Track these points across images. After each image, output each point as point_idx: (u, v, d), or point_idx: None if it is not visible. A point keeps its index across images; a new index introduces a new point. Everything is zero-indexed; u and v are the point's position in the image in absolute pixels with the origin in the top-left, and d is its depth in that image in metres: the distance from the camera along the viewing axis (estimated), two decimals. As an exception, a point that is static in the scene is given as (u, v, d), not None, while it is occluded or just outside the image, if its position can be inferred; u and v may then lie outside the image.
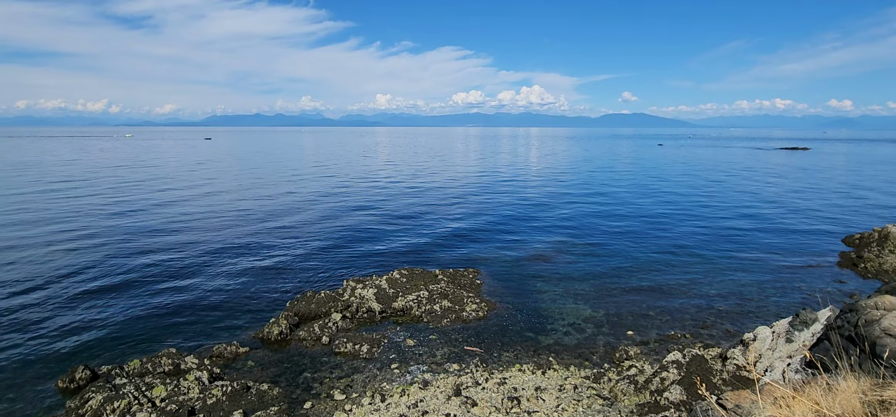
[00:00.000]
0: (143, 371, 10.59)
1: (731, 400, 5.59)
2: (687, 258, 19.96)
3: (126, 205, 31.71)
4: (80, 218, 27.23)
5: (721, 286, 16.54)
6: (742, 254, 20.41)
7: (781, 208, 31.75)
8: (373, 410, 9.19)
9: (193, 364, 10.78)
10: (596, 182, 47.35)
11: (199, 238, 23.05)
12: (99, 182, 44.22)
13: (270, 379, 10.54)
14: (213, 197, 36.34)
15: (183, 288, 16.20)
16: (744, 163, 69.32)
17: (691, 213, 30.01)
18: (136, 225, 25.54)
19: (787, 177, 50.72)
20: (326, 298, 14.44)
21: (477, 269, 18.18)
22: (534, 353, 11.82)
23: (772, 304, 14.92)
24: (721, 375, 9.67)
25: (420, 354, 11.77)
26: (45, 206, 31.01)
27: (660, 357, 11.21)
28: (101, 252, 20.32)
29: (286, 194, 38.21)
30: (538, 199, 36.05)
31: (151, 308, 14.58)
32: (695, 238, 23.49)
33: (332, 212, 30.20)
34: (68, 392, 9.84)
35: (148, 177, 48.29)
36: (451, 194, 38.80)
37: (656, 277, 17.49)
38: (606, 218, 28.75)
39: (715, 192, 39.48)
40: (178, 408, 9.06)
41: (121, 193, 37.27)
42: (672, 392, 9.06)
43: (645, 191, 40.24)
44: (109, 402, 9.00)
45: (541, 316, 14.02)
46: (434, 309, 14.07)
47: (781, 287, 16.50)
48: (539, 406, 9.19)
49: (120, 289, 16.00)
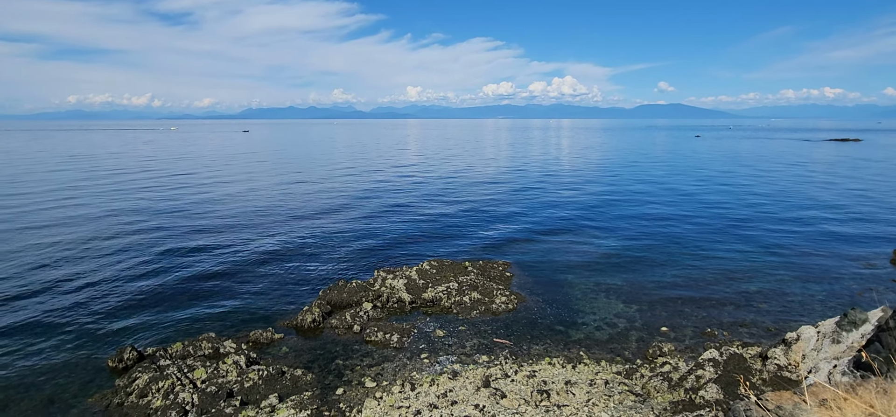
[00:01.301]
0: (184, 354, 11.07)
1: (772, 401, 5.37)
2: (725, 253, 19.25)
3: (172, 195, 33.11)
4: (133, 208, 28.61)
5: (762, 283, 15.88)
6: (785, 251, 19.53)
7: (829, 202, 30.14)
8: (403, 398, 9.32)
9: (231, 349, 11.18)
10: (629, 175, 46.18)
11: (237, 227, 23.84)
12: (154, 172, 46.33)
13: (304, 365, 10.84)
14: (250, 188, 37.50)
15: (222, 275, 16.82)
16: (787, 155, 66.11)
17: (729, 208, 28.87)
18: (181, 214, 26.63)
19: (836, 170, 48.05)
20: (357, 288, 14.69)
21: (507, 261, 18.09)
22: (564, 347, 11.70)
23: (817, 304, 14.23)
24: (760, 375, 9.31)
25: (449, 345, 11.83)
26: (100, 195, 32.73)
27: (695, 355, 10.88)
28: (149, 239, 21.32)
29: (319, 185, 39.00)
30: (570, 192, 35.48)
31: (192, 293, 15.22)
32: (733, 232, 22.61)
33: (363, 203, 30.63)
34: (117, 372, 10.41)
35: (192, 169, 50.24)
36: (481, 186, 38.67)
37: (692, 273, 16.96)
38: (640, 211, 28.01)
39: (755, 186, 37.84)
40: (218, 390, 9.44)
41: (166, 184, 38.93)
42: (708, 391, 8.79)
43: (680, 185, 38.98)
44: (155, 382, 9.46)
45: (571, 310, 13.84)
46: (463, 301, 14.10)
47: (828, 285, 15.70)
48: (569, 400, 9.10)
49: (164, 275, 16.75)
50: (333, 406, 9.17)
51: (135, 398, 9.20)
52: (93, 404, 9.34)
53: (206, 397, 9.25)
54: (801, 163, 55.52)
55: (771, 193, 34.10)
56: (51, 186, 37.03)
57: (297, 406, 9.08)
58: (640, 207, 29.25)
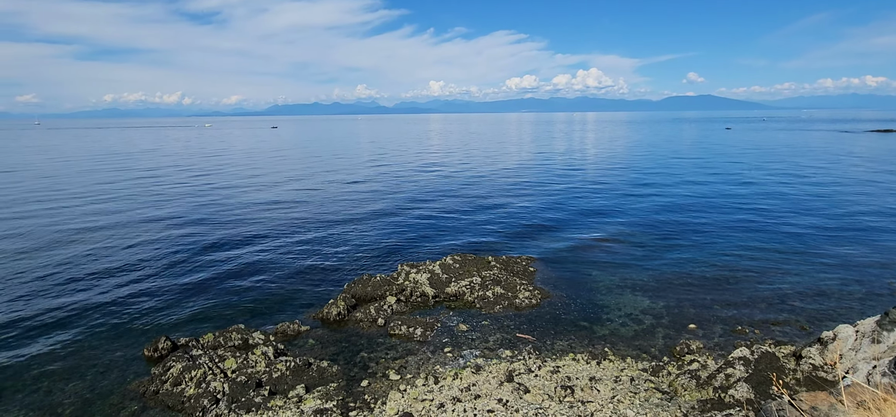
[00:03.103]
0: (215, 344, 11.44)
1: (806, 401, 5.21)
2: (757, 250, 18.66)
3: (204, 191, 34.14)
4: (167, 202, 29.64)
5: (796, 280, 15.34)
6: (821, 248, 18.79)
7: (869, 197, 28.82)
8: (427, 391, 9.40)
9: (260, 340, 11.49)
10: (655, 168, 45.16)
11: (265, 221, 24.41)
12: (189, 168, 47.88)
13: (330, 357, 11.06)
14: (278, 183, 38.31)
15: (250, 268, 17.27)
16: (825, 148, 63.41)
17: (761, 202, 27.92)
18: (212, 209, 27.44)
19: (877, 163, 45.86)
20: (382, 281, 14.86)
21: (530, 256, 17.98)
22: (588, 343, 11.58)
23: (856, 302, 13.66)
24: (794, 375, 9.02)
25: (473, 339, 11.87)
26: (136, 190, 34.03)
27: (725, 353, 10.61)
28: (182, 233, 22.05)
29: (343, 180, 39.52)
30: (594, 186, 34.95)
31: (222, 286, 15.69)
32: (767, 228, 21.87)
33: (386, 198, 30.90)
34: (152, 360, 10.85)
35: (223, 165, 51.64)
36: (505, 180, 38.48)
37: (722, 270, 16.51)
38: (667, 206, 27.38)
39: (789, 180, 36.47)
40: (247, 380, 9.73)
41: (199, 180, 40.15)
42: (738, 390, 8.58)
43: (709, 179, 37.89)
44: (188, 371, 9.81)
45: (596, 306, 13.68)
46: (487, 296, 14.10)
47: (868, 283, 15.04)
48: (593, 396, 9.01)
49: (195, 268, 17.32)
50: (358, 398, 9.33)
51: (169, 386, 9.57)
52: (131, 390, 9.76)
53: (236, 386, 9.54)
54: (839, 156, 53.19)
55: (807, 188, 32.82)
56: (90, 181, 38.65)
57: (323, 397, 9.28)
58: (667, 201, 28.58)
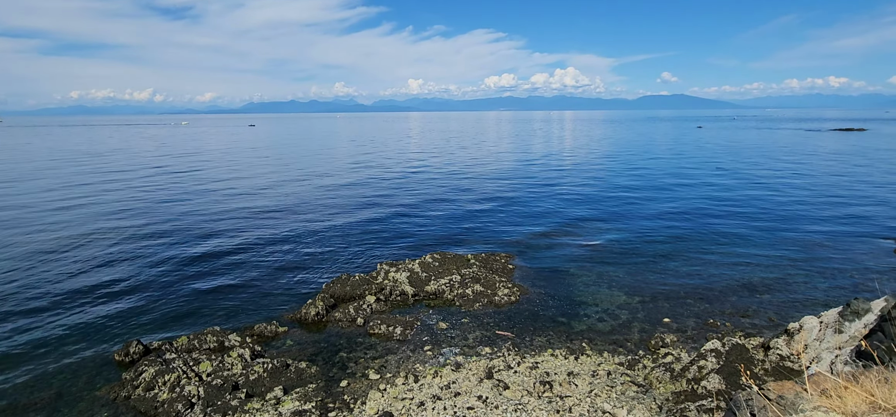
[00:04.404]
0: (190, 347, 11.17)
1: (774, 391, 5.39)
2: (728, 245, 19.23)
3: (178, 191, 33.23)
4: (139, 203, 28.74)
5: (765, 274, 15.88)
6: (788, 242, 19.49)
7: (832, 193, 30.02)
8: (406, 390, 9.39)
9: (236, 342, 11.28)
10: (631, 166, 46.05)
11: (241, 222, 23.94)
12: (163, 168, 46.48)
13: (308, 358, 10.92)
14: (255, 183, 37.57)
15: (226, 269, 16.92)
16: (791, 145, 65.74)
17: (731, 198, 28.79)
18: (186, 210, 26.74)
19: (841, 161, 47.78)
20: (361, 281, 14.76)
21: (509, 254, 18.12)
22: (566, 338, 11.75)
23: (820, 294, 14.24)
24: (763, 365, 9.35)
25: (452, 337, 11.90)
26: (108, 190, 32.89)
27: (697, 346, 10.92)
28: (155, 234, 21.43)
29: (322, 179, 39.05)
30: (572, 184, 35.43)
31: (197, 288, 15.32)
32: (737, 225, 22.56)
33: (366, 197, 30.68)
34: (124, 365, 10.52)
35: (199, 164, 50.36)
36: (483, 179, 38.65)
37: (695, 265, 16.96)
38: (642, 203, 27.97)
39: (757, 178, 37.69)
40: (223, 383, 9.54)
41: (173, 180, 39.08)
42: (710, 381, 8.83)
43: (682, 176, 38.86)
44: (161, 376, 9.56)
45: (573, 302, 13.88)
46: (466, 293, 14.16)
47: (831, 276, 15.69)
48: (571, 390, 9.15)
49: (170, 270, 16.86)
50: (338, 398, 9.25)
51: (142, 391, 9.30)
52: (101, 396, 9.45)
53: (211, 390, 9.34)
54: (805, 154, 55.22)
55: (773, 184, 33.97)
56: (56, 182, 37.21)
57: (301, 398, 9.17)
58: (642, 198, 29.19)
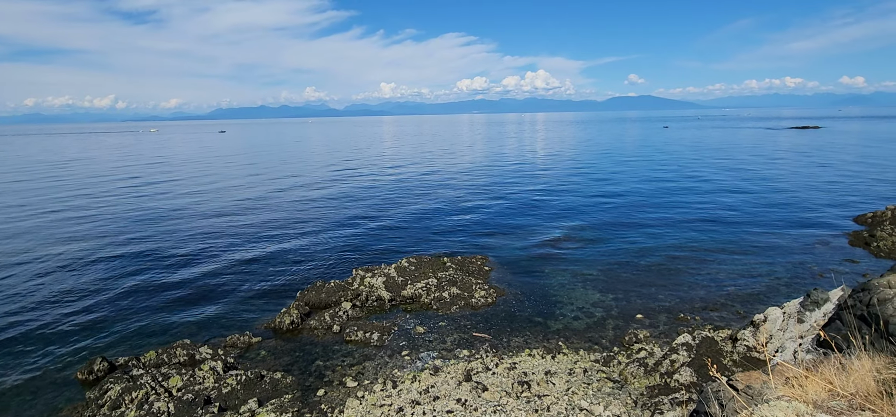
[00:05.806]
0: (159, 362, 10.79)
1: (741, 381, 5.59)
2: (696, 241, 19.85)
3: (144, 201, 32.07)
4: (104, 214, 27.57)
5: (731, 268, 16.46)
6: (752, 236, 20.26)
7: (791, 188, 31.39)
8: (385, 396, 9.30)
9: (208, 355, 10.95)
10: (601, 167, 47.04)
11: (210, 231, 23.28)
12: (128, 178, 44.72)
13: (283, 368, 10.70)
14: (225, 191, 36.62)
15: (197, 281, 16.41)
16: (752, 143, 68.48)
17: (698, 196, 29.76)
18: (153, 220, 25.82)
19: (797, 157, 50.05)
20: (336, 288, 14.56)
21: (485, 256, 18.21)
22: (543, 338, 11.88)
23: (782, 285, 14.84)
24: (731, 356, 9.67)
25: (430, 341, 11.87)
26: (69, 200, 31.44)
27: (670, 340, 11.21)
28: (120, 246, 20.61)
29: (293, 186, 38.39)
30: (544, 186, 35.92)
31: (165, 300, 14.81)
32: (703, 221, 23.33)
33: (339, 203, 30.32)
34: (87, 384, 10.06)
35: (167, 173, 48.73)
36: (457, 182, 38.76)
37: (665, 261, 17.43)
38: (613, 203, 28.60)
39: (721, 175, 39.10)
40: (195, 397, 9.24)
41: (139, 190, 37.70)
42: (682, 374, 9.09)
43: (651, 176, 39.93)
44: (128, 393, 9.19)
45: (549, 302, 14.05)
46: (443, 297, 14.15)
47: (792, 268, 16.38)
48: (549, 389, 9.26)
49: (136, 283, 16.24)
50: (315, 408, 9.09)
51: (107, 410, 8.92)
52: (62, 418, 9.02)
53: (182, 405, 9.04)
54: (765, 152, 57.58)
55: (737, 181, 35.28)
56: (14, 196, 35.39)
57: (277, 410, 8.97)
58: (613, 199, 29.85)
